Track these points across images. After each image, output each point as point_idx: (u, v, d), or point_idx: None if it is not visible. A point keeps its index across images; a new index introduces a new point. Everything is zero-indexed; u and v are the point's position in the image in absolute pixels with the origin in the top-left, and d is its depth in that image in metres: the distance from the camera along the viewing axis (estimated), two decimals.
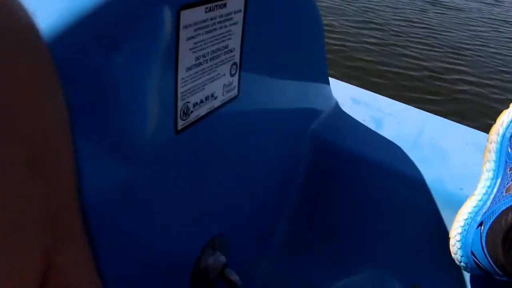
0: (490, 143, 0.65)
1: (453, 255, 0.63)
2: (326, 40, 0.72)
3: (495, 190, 0.62)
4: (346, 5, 4.48)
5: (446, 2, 5.29)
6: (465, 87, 3.03)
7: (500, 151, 0.63)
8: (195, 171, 0.49)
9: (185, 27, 0.39)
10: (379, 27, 4.00)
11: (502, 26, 4.74)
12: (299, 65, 0.66)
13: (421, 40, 3.80)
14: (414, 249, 0.71)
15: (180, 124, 0.44)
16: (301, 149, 0.75)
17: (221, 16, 0.44)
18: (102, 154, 0.37)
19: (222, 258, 0.56)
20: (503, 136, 0.63)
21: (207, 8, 0.41)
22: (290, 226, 0.76)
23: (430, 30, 4.11)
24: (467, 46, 3.84)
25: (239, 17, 0.47)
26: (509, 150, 0.62)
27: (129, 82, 0.37)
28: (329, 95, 0.80)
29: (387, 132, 0.77)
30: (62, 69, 0.20)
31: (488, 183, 0.63)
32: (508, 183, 0.60)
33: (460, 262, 0.62)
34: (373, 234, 0.73)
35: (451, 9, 5.06)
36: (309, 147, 0.75)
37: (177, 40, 0.39)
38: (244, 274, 0.57)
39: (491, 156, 0.64)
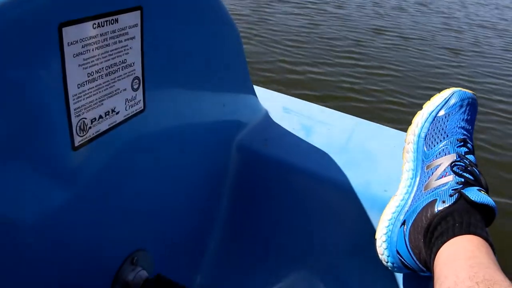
0: (408, 143, 0.67)
1: (380, 255, 0.64)
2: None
3: (415, 188, 0.63)
4: None
5: None
6: None
7: (417, 151, 0.65)
8: (101, 188, 0.49)
9: (70, 43, 0.40)
10: None
11: None
12: (216, 76, 0.67)
13: None
14: (344, 252, 0.71)
15: (78, 140, 0.43)
16: (227, 160, 0.75)
17: (113, 31, 0.44)
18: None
19: (143, 273, 0.56)
20: (419, 136, 0.65)
21: (94, 24, 0.41)
22: (222, 238, 0.76)
23: None
24: None
25: (135, 32, 0.47)
26: (425, 149, 0.64)
27: (16, 98, 0.37)
28: (256, 105, 0.80)
29: (317, 139, 0.78)
30: None
31: (408, 183, 0.65)
32: (426, 180, 0.61)
33: (387, 262, 0.63)
34: (304, 240, 0.74)
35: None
36: (237, 157, 0.75)
37: (62, 56, 0.39)
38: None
39: (409, 156, 0.66)
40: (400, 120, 2.42)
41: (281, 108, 0.86)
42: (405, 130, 0.88)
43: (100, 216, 0.50)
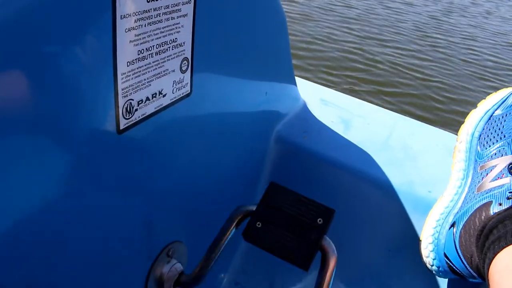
0: (460, 142, 0.63)
1: (424, 258, 0.60)
2: None
3: (466, 189, 0.60)
4: None
5: None
6: None
7: (469, 150, 0.61)
8: (143, 174, 0.46)
9: (123, 17, 0.37)
10: None
11: None
12: (262, 64, 0.64)
13: None
14: (384, 252, 0.68)
15: (123, 123, 0.40)
16: (266, 151, 0.72)
17: (166, 6, 0.41)
18: (41, 152, 0.34)
19: (179, 266, 0.53)
20: (472, 135, 0.62)
21: None
22: None
23: None
24: None
25: (188, 9, 0.44)
26: (479, 149, 0.60)
27: (62, 75, 0.34)
28: (296, 96, 0.77)
29: (356, 134, 0.75)
30: None
31: (458, 183, 0.61)
32: (479, 182, 0.58)
33: (432, 265, 0.60)
34: (341, 238, 0.71)
35: None
36: (275, 149, 0.72)
37: (114, 30, 0.36)
38: (204, 282, 0.54)
39: (461, 155, 0.62)
40: None
41: (319, 99, 0.83)
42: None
43: (141, 203, 0.47)
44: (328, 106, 0.81)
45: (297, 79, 0.79)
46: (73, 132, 0.37)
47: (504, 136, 0.59)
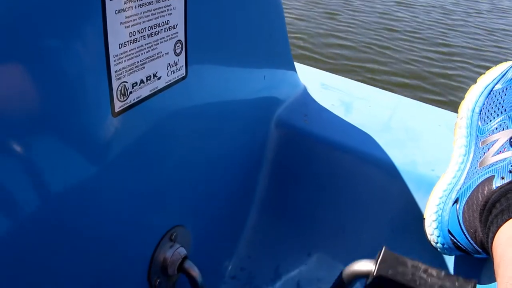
0: (461, 118, 0.62)
1: (428, 236, 0.60)
2: None
3: (468, 165, 0.59)
4: None
5: None
6: None
7: (470, 126, 0.61)
8: (141, 157, 0.46)
9: None
10: None
11: None
12: (260, 49, 0.64)
13: None
14: (388, 233, 0.68)
15: (118, 105, 0.41)
16: (267, 136, 0.72)
17: None
18: (36, 139, 0.34)
19: (182, 250, 0.53)
20: (473, 110, 0.61)
21: None
22: (259, 214, 0.73)
23: None
24: None
25: None
26: (480, 124, 0.60)
27: (54, 60, 0.34)
28: (295, 81, 0.77)
29: (358, 116, 0.75)
30: None
31: (460, 160, 0.61)
32: (481, 157, 0.57)
33: (436, 243, 0.59)
34: (345, 220, 0.71)
35: None
36: (276, 133, 0.72)
37: (104, 12, 0.36)
38: (209, 267, 0.54)
39: (462, 132, 0.62)
40: None
41: (319, 84, 0.83)
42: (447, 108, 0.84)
43: (139, 187, 0.48)
44: (329, 89, 0.81)
45: (297, 65, 0.79)
46: (68, 117, 0.37)
47: (505, 110, 0.58)
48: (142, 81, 0.42)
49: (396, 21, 4.44)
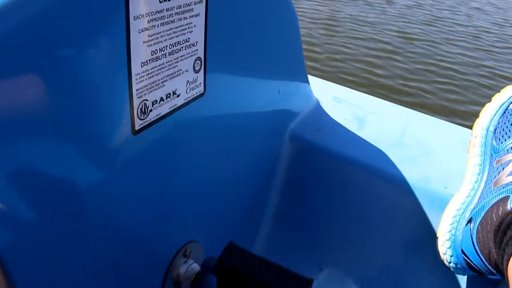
0: (475, 137, 0.62)
1: (441, 255, 0.60)
2: None
3: (482, 184, 0.59)
4: None
5: None
6: None
7: (485, 145, 0.61)
8: (158, 175, 0.46)
9: (136, 17, 0.37)
10: None
11: None
12: (274, 63, 0.64)
13: None
14: (399, 249, 0.68)
15: (138, 124, 0.41)
16: (280, 149, 0.72)
17: (179, 6, 0.41)
18: (57, 156, 0.34)
19: (195, 266, 0.53)
20: (487, 129, 0.61)
21: None
22: (271, 229, 0.73)
23: None
24: None
25: (200, 9, 0.44)
26: (494, 144, 0.60)
27: (77, 78, 0.34)
28: (309, 94, 0.77)
29: (370, 130, 0.75)
30: None
31: (474, 179, 0.61)
32: (495, 176, 0.57)
33: (449, 262, 0.59)
34: (357, 235, 0.70)
35: None
36: (290, 147, 0.72)
37: (128, 31, 0.36)
38: None
39: (476, 150, 0.62)
40: None
41: (332, 97, 0.83)
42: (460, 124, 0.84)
43: (155, 204, 0.48)
44: (341, 103, 0.81)
45: (310, 77, 0.79)
46: (89, 134, 0.37)
47: None
48: (162, 99, 0.43)
49: None
